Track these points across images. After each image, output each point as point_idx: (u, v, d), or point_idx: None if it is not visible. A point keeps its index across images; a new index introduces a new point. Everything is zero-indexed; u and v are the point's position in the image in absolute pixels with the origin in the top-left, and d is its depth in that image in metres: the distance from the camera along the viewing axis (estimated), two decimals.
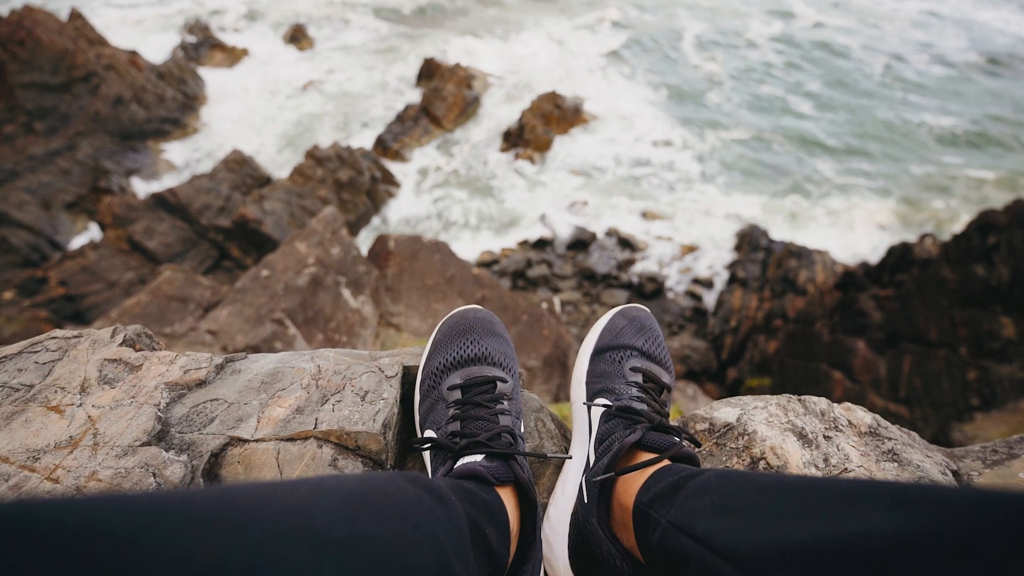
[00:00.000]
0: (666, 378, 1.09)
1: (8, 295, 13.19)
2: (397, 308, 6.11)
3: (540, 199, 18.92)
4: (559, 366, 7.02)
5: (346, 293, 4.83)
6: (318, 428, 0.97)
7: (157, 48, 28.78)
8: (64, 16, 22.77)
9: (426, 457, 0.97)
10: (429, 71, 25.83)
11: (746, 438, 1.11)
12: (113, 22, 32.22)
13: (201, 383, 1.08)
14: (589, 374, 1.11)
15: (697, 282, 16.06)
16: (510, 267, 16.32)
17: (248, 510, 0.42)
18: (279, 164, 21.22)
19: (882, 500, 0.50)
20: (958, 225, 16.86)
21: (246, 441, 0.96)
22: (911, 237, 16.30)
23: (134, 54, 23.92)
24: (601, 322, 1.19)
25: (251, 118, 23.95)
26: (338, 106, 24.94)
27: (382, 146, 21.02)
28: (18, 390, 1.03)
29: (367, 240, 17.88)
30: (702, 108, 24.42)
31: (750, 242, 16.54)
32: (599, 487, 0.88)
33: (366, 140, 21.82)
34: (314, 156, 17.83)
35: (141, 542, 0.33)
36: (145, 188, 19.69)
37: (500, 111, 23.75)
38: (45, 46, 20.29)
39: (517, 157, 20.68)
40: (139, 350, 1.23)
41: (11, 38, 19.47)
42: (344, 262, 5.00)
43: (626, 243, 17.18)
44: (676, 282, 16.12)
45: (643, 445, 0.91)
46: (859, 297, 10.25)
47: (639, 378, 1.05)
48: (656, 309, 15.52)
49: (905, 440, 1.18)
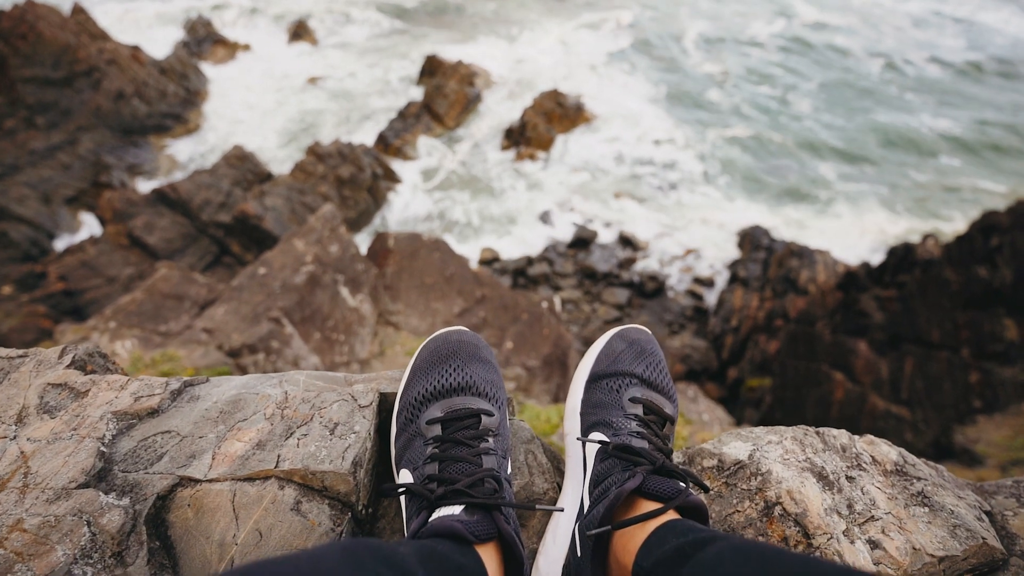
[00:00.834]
0: (669, 409, 1.00)
1: (7, 290, 13.19)
2: (396, 306, 6.08)
3: (541, 198, 18.87)
4: (559, 365, 6.99)
5: (344, 291, 4.80)
6: (280, 466, 0.86)
7: (160, 43, 28.73)
8: (67, 11, 22.73)
9: (402, 501, 0.88)
10: (431, 68, 25.75)
11: (759, 479, 1.01)
12: (116, 17, 32.19)
13: (153, 412, 0.98)
14: (584, 404, 1.02)
15: (698, 281, 16.01)
16: (511, 265, 16.29)
17: None
18: (281, 159, 21.18)
19: None
20: (960, 226, 16.81)
21: (198, 481, 0.85)
22: (913, 238, 16.26)
23: (136, 49, 23.87)
24: (597, 345, 1.08)
25: (253, 113, 23.91)
26: (340, 103, 24.89)
27: (384, 143, 20.97)
28: None
29: (368, 238, 17.86)
30: (703, 106, 24.33)
31: (752, 241, 16.48)
32: (594, 541, 0.79)
33: (368, 136, 21.78)
34: (315, 152, 17.78)
35: None
36: (146, 183, 19.68)
37: (502, 109, 23.68)
38: (47, 40, 20.26)
39: (519, 156, 20.62)
40: (90, 372, 1.11)
41: (13, 32, 19.44)
42: (343, 260, 4.97)
43: (627, 242, 17.13)
44: (677, 281, 16.08)
45: (644, 492, 0.81)
46: (861, 298, 10.20)
47: (639, 410, 0.96)
48: (657, 308, 15.48)
49: (934, 479, 1.09)
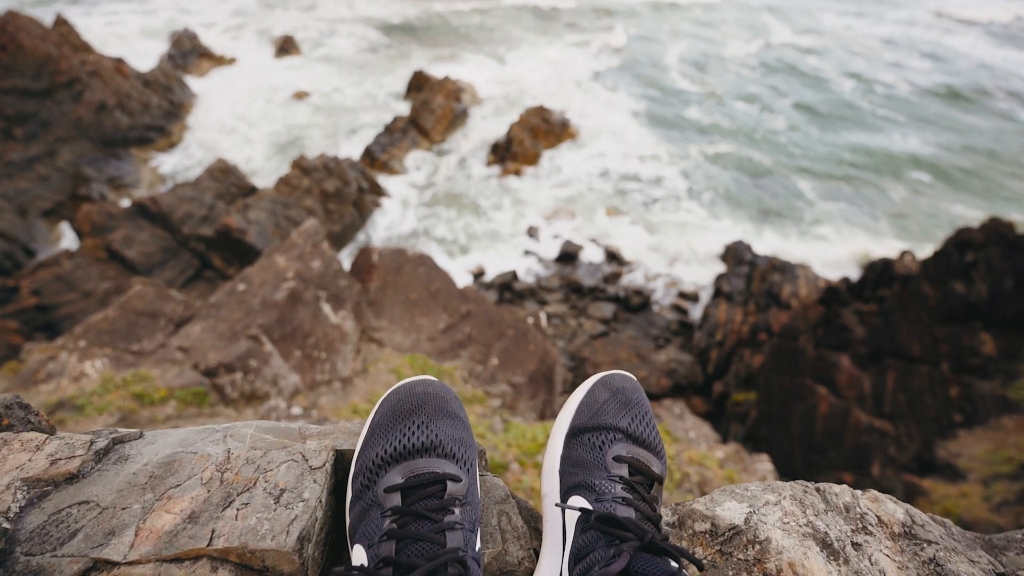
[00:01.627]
0: (656, 467, 0.91)
1: None
2: (380, 323, 5.99)
3: (527, 213, 18.95)
4: (545, 382, 6.94)
5: (326, 308, 4.72)
6: (214, 544, 0.75)
7: (146, 56, 28.53)
8: (50, 22, 22.48)
9: None
10: (418, 83, 25.89)
11: (757, 547, 0.92)
12: (101, 29, 31.94)
13: (72, 477, 0.83)
14: (564, 462, 0.93)
15: (683, 296, 16.12)
16: (496, 280, 16.26)
17: None
18: (269, 172, 21.03)
19: None
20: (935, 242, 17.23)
21: (115, 564, 0.73)
22: (891, 252, 16.60)
23: (120, 61, 23.66)
24: (578, 394, 0.99)
25: (239, 127, 23.76)
26: (327, 116, 24.87)
27: (370, 157, 20.94)
28: None
29: (353, 252, 17.72)
30: (684, 123, 24.81)
31: (735, 256, 16.68)
32: None
33: (355, 150, 21.74)
34: (300, 166, 17.68)
35: None
36: (128, 196, 19.36)
37: (488, 124, 23.86)
38: (28, 51, 19.98)
39: (505, 171, 20.73)
40: (6, 427, 0.98)
41: None
42: (325, 276, 4.89)
43: (613, 256, 17.23)
44: (662, 295, 16.17)
45: (631, 575, 0.74)
46: (842, 312, 10.35)
47: (624, 470, 0.87)
48: (642, 322, 15.53)
49: (945, 540, 1.01)
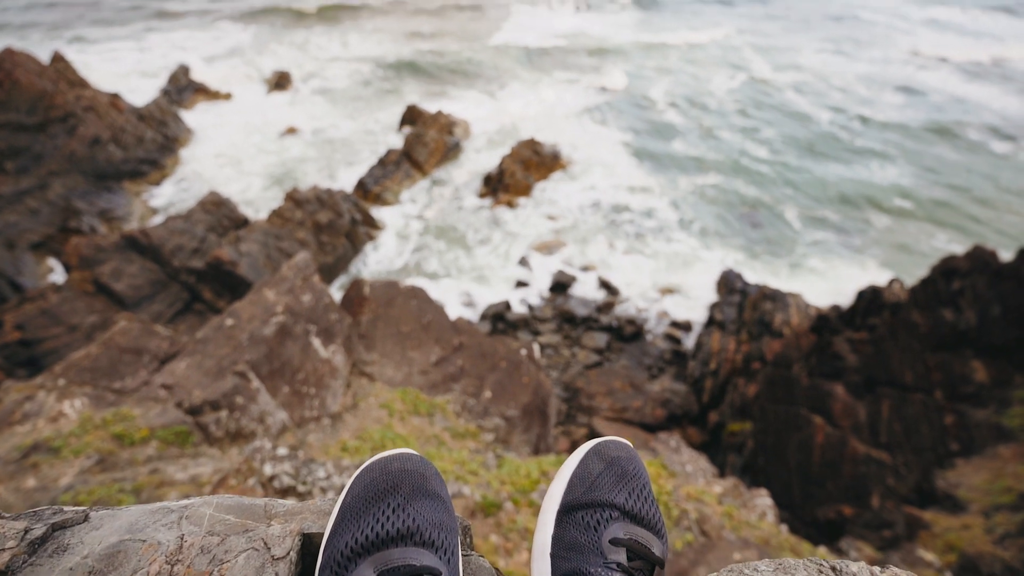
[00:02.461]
0: (657, 549, 0.83)
1: None
2: (371, 356, 5.90)
3: (519, 243, 19.07)
4: (539, 415, 6.82)
5: (316, 342, 4.64)
6: None
7: (142, 91, 28.93)
8: (47, 59, 22.81)
9: None
10: (411, 117, 26.37)
11: None
12: (100, 65, 32.45)
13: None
14: (555, 543, 0.84)
15: (676, 325, 16.13)
16: (489, 310, 16.21)
17: None
18: (264, 203, 21.12)
19: None
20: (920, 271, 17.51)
21: None
22: (878, 280, 16.80)
23: (116, 96, 23.95)
24: (570, 464, 0.90)
25: (234, 159, 23.94)
26: (321, 149, 25.17)
27: (363, 189, 21.11)
28: None
29: (346, 283, 17.65)
30: (673, 155, 25.39)
31: (726, 285, 16.80)
32: None
33: (348, 182, 21.94)
34: (293, 198, 17.76)
35: None
36: (118, 229, 19.29)
37: (481, 156, 24.24)
38: (23, 87, 20.18)
39: (497, 202, 20.95)
40: None
41: None
42: (315, 310, 4.82)
43: (605, 286, 17.28)
44: (655, 324, 16.17)
45: None
46: (834, 340, 10.37)
47: (622, 555, 0.79)
48: (636, 351, 15.47)
49: None
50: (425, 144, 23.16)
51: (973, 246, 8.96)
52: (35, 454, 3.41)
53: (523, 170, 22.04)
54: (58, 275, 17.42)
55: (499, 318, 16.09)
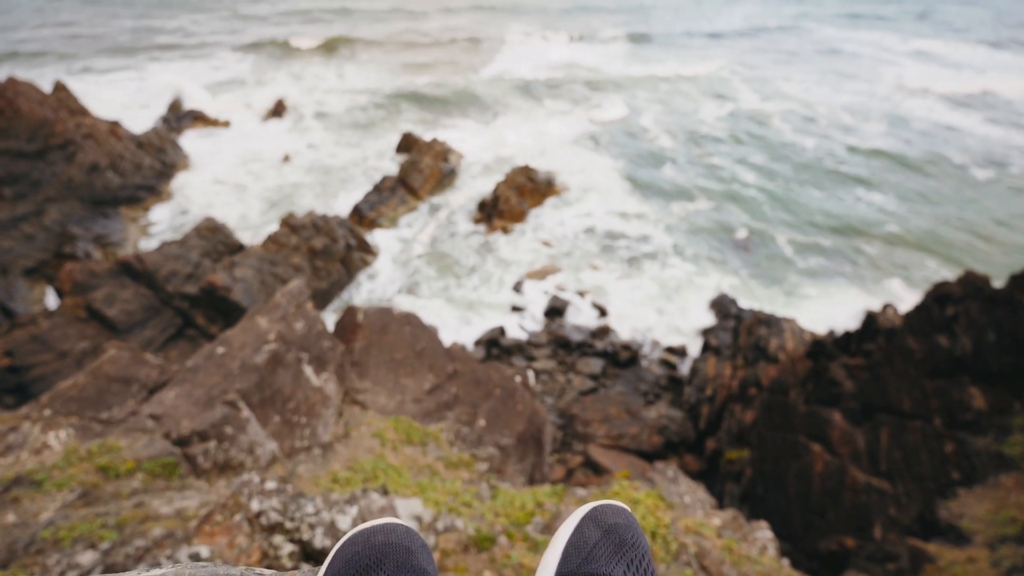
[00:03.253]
0: None
1: None
2: (363, 384, 5.83)
3: (514, 268, 19.13)
4: (534, 444, 6.72)
5: (308, 370, 4.57)
6: None
7: (142, 119, 29.28)
8: (48, 87, 23.12)
9: None
10: (407, 145, 26.73)
11: None
12: (101, 94, 32.89)
13: None
14: None
15: (671, 350, 16.08)
16: (484, 335, 16.13)
17: None
18: (262, 227, 21.19)
19: None
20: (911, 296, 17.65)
21: None
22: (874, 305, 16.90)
23: (115, 124, 24.21)
24: (565, 531, 0.84)
25: (232, 185, 24.11)
26: (318, 176, 25.41)
27: (358, 215, 21.23)
28: None
29: (340, 308, 17.57)
30: (665, 181, 25.78)
31: (720, 310, 16.83)
32: None
33: (344, 208, 22.07)
34: (289, 224, 17.82)
35: None
36: (113, 254, 19.24)
37: (476, 183, 24.51)
38: (24, 115, 20.39)
39: (491, 228, 21.09)
40: None
41: None
42: (308, 337, 4.77)
43: (600, 311, 17.27)
44: (650, 350, 16.11)
45: None
46: (830, 366, 10.34)
47: None
48: (631, 377, 15.37)
49: None
50: (420, 171, 23.41)
51: (965, 272, 9.02)
52: (16, 488, 3.31)
53: (517, 196, 22.26)
54: (52, 301, 17.28)
55: (493, 344, 16.01)
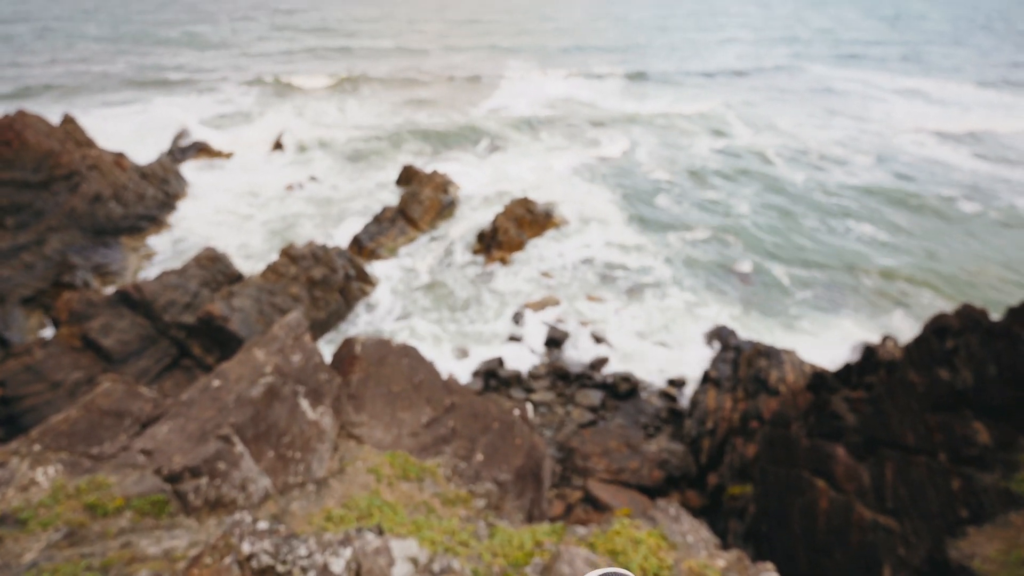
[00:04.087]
0: None
1: None
2: (360, 417, 5.74)
3: (512, 299, 19.14)
4: (532, 479, 6.58)
5: (304, 404, 4.50)
6: None
7: (148, 151, 29.78)
8: (57, 120, 23.59)
9: None
10: (407, 177, 27.14)
11: None
12: (108, 127, 33.54)
13: None
14: None
15: (671, 382, 15.94)
16: (482, 367, 16.01)
17: None
18: (264, 255, 21.29)
19: None
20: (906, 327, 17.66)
21: None
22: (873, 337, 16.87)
23: (120, 155, 24.60)
24: None
25: (235, 215, 24.34)
26: (319, 207, 25.69)
27: (358, 245, 21.36)
28: None
29: (338, 338, 17.48)
30: (662, 212, 26.12)
31: (720, 341, 16.77)
32: None
33: (344, 238, 22.24)
34: (289, 254, 17.90)
35: None
36: (112, 283, 19.25)
37: (475, 214, 24.79)
38: (32, 147, 20.73)
39: (490, 259, 21.21)
40: None
41: None
42: (305, 370, 4.72)
43: (599, 342, 17.20)
44: (650, 381, 15.96)
45: None
46: (832, 399, 10.24)
47: None
48: (631, 409, 15.18)
49: None
50: (420, 202, 23.68)
51: (962, 305, 9.04)
52: (1, 527, 3.21)
53: (516, 227, 22.46)
54: (50, 330, 17.18)
55: (492, 375, 15.87)
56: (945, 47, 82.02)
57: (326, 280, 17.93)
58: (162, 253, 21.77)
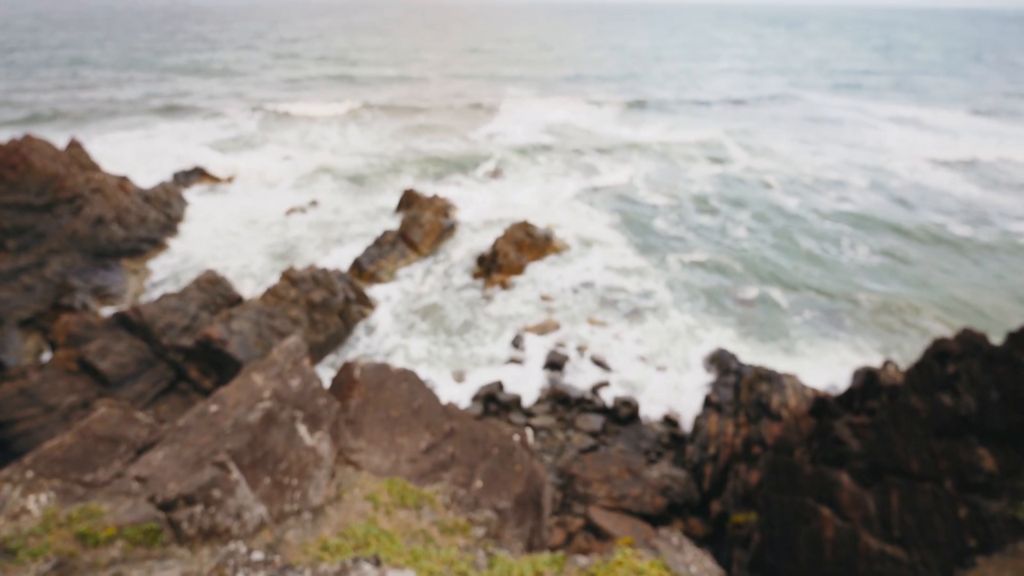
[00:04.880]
0: None
1: None
2: (358, 443, 5.67)
3: (512, 323, 19.09)
4: (532, 507, 6.46)
5: (302, 429, 4.44)
6: None
7: (153, 174, 30.11)
8: (63, 144, 23.94)
9: None
10: (408, 200, 27.38)
11: None
12: (114, 152, 34.00)
13: None
14: None
15: (671, 414, 15.78)
16: (481, 391, 15.87)
17: None
18: (266, 276, 21.33)
19: None
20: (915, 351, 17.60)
21: None
22: (874, 361, 16.79)
23: (124, 179, 24.86)
24: None
25: (238, 238, 24.48)
26: (321, 230, 25.86)
27: (358, 268, 21.41)
28: None
29: (337, 360, 17.37)
30: (660, 236, 26.31)
31: (720, 365, 16.67)
32: None
33: (345, 261, 22.31)
34: (289, 277, 17.92)
35: None
36: (111, 306, 19.22)
37: (476, 237, 24.94)
38: (37, 170, 20.97)
39: (490, 282, 21.25)
40: None
41: (4, 163, 20.12)
42: (303, 395, 4.68)
43: (600, 366, 17.10)
44: (651, 405, 15.81)
45: None
46: (834, 424, 10.13)
47: None
48: (632, 434, 15.00)
49: None
50: (421, 225, 23.84)
51: (962, 329, 9.02)
52: None
53: (516, 251, 22.56)
54: (48, 353, 17.07)
55: (491, 399, 15.73)
56: (937, 76, 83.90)
57: (326, 303, 17.92)
58: (163, 275, 21.81)
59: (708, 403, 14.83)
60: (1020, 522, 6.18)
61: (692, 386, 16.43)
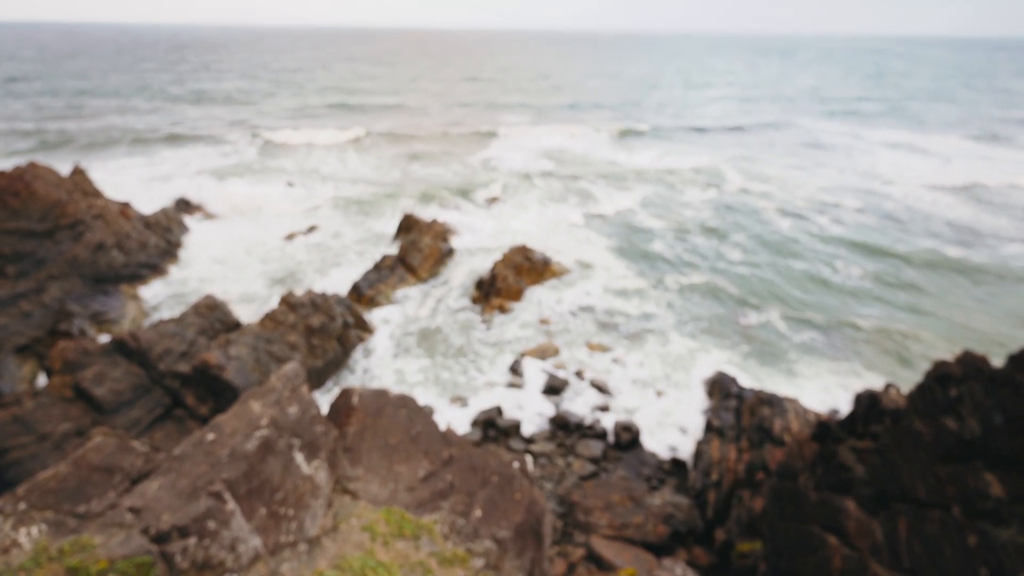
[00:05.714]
0: None
1: None
2: (356, 471, 5.58)
3: (511, 347, 19.01)
4: (532, 536, 6.33)
5: (299, 458, 4.37)
6: None
7: (154, 201, 30.38)
8: (67, 171, 24.19)
9: None
10: (407, 225, 27.57)
11: None
12: (116, 178, 34.38)
13: None
14: None
15: (672, 441, 15.59)
16: (480, 416, 15.70)
17: None
18: (266, 300, 21.31)
19: None
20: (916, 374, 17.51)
21: None
22: (875, 383, 16.68)
23: (126, 205, 25.06)
24: None
25: (238, 263, 24.55)
26: (320, 254, 25.97)
27: (357, 292, 21.42)
28: None
29: (336, 386, 17.22)
30: (658, 258, 26.45)
31: (721, 389, 16.54)
32: None
33: (344, 286, 22.33)
34: (288, 302, 17.91)
35: None
36: (108, 331, 19.14)
37: (474, 261, 25.04)
38: (39, 197, 21.14)
39: (489, 307, 21.23)
40: None
41: (7, 190, 20.30)
42: (301, 423, 4.62)
43: (600, 390, 16.96)
44: (651, 430, 15.62)
45: None
46: (838, 449, 10.00)
47: None
48: (633, 460, 14.78)
49: None
50: (420, 250, 23.94)
51: (963, 352, 8.98)
52: None
53: (515, 275, 22.62)
54: (44, 379, 16.92)
55: (490, 424, 15.55)
56: (927, 103, 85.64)
57: (324, 328, 17.86)
58: (162, 301, 21.79)
59: (710, 427, 14.67)
60: None
61: (693, 410, 16.28)
